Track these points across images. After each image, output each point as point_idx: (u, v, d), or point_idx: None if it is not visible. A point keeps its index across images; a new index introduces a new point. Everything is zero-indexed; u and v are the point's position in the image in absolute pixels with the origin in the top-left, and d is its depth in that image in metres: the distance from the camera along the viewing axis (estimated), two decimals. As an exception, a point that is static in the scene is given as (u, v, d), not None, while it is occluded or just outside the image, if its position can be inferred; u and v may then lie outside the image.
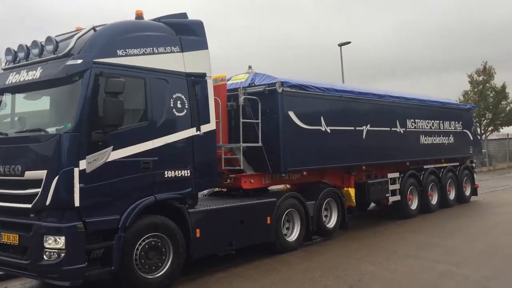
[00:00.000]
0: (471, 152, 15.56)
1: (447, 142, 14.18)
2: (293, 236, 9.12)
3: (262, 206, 8.42)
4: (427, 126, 13.30)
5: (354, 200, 10.95)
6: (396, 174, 12.21)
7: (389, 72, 66.44)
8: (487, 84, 44.44)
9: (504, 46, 62.35)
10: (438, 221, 11.59)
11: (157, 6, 56.60)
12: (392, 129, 11.93)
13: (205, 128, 7.34)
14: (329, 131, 9.92)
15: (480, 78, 44.63)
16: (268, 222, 8.49)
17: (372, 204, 13.56)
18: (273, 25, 77.32)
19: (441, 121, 13.94)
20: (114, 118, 5.92)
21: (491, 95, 44.45)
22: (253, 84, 9.30)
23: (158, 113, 6.72)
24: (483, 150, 34.20)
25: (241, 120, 8.71)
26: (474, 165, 16.43)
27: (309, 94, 9.54)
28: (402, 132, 12.23)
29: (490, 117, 44.86)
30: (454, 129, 14.64)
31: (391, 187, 11.93)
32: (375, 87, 13.81)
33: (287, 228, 9.16)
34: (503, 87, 43.90)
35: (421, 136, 13.02)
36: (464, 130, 15.19)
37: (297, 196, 9.22)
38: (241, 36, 75.70)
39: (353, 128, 10.63)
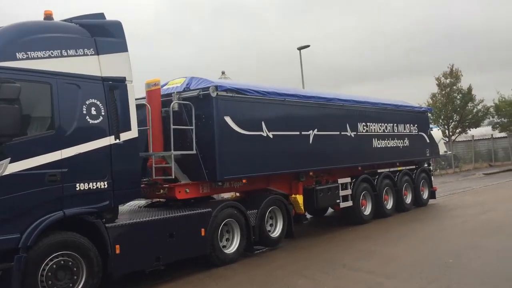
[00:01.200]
0: (428, 154, 15.38)
1: (401, 145, 13.95)
2: (233, 247, 8.67)
3: (194, 217, 7.95)
4: (380, 129, 13.03)
5: (302, 207, 10.57)
6: (348, 179, 11.89)
7: (358, 77, 67.00)
8: (454, 87, 44.94)
9: (469, 48, 63.51)
10: (390, 226, 11.30)
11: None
12: (342, 133, 11.61)
13: (125, 136, 6.85)
14: (271, 136, 9.53)
15: (448, 81, 45.10)
16: (203, 234, 8.01)
17: (331, 210, 13.28)
18: (233, 30, 76.94)
19: (395, 124, 13.71)
20: (8, 127, 5.40)
21: (458, 97, 44.98)
22: (188, 89, 8.86)
23: (67, 120, 6.21)
24: (448, 152, 34.54)
25: (172, 126, 8.24)
26: (431, 167, 16.26)
27: (247, 98, 9.13)
28: (353, 136, 11.92)
29: (457, 119, 45.39)
30: (409, 132, 14.43)
31: (342, 193, 11.60)
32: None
33: (227, 239, 8.72)
34: (469, 89, 44.38)
35: (373, 139, 12.75)
36: (420, 133, 15.00)
37: (236, 205, 8.78)
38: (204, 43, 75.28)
39: (298, 133, 10.26)
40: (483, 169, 32.19)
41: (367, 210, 12.38)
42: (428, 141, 15.39)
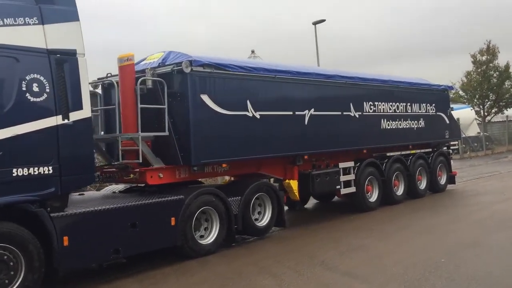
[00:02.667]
0: (447, 137, 14.20)
1: (416, 126, 12.85)
2: (210, 238, 7.95)
3: (162, 205, 7.24)
4: (390, 109, 11.97)
5: (296, 194, 9.74)
6: (351, 164, 10.95)
7: (390, 56, 64.65)
8: (491, 64, 42.60)
9: (505, 26, 60.19)
10: (394, 215, 10.35)
11: None
12: (345, 113, 10.63)
13: (75, 115, 6.16)
14: (258, 116, 8.69)
15: (484, 58, 42.78)
16: (173, 223, 7.32)
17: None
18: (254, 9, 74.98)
19: (408, 104, 12.60)
20: None
21: (494, 75, 42.64)
22: (163, 64, 8.09)
23: (2, 98, 5.55)
24: (482, 133, 32.74)
25: (139, 105, 7.51)
26: (451, 151, 15.06)
27: (229, 75, 8.29)
28: (357, 116, 10.93)
29: (493, 98, 43.11)
30: (426, 112, 13.29)
31: (343, 178, 10.69)
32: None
33: (206, 229, 8.01)
34: (507, 67, 42.01)
35: (382, 120, 11.71)
36: (438, 113, 13.83)
37: (214, 192, 8.03)
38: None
39: (291, 113, 9.38)
40: (517, 151, 30.35)
41: (373, 197, 11.43)
42: (448, 122, 14.19)
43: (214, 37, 64.24)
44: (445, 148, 14.65)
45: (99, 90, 8.86)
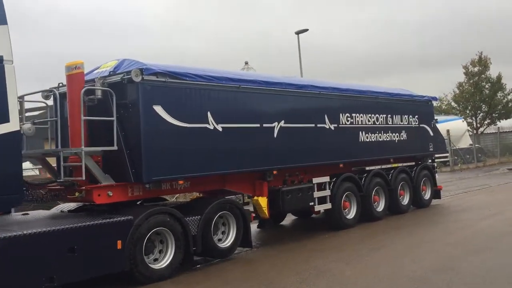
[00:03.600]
0: (431, 149, 13.62)
1: (397, 139, 12.27)
2: (165, 261, 7.30)
3: (106, 227, 6.58)
4: (369, 121, 11.39)
5: (266, 212, 9.11)
6: (326, 179, 10.34)
7: (378, 70, 64.47)
8: (483, 75, 42.26)
9: (497, 39, 60.17)
10: (370, 234, 9.70)
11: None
12: (319, 125, 10.05)
13: (1, 129, 5.54)
14: (220, 129, 8.09)
15: (476, 69, 42.47)
16: (119, 247, 6.66)
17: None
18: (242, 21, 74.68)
19: (389, 115, 12.03)
20: None
21: (486, 86, 42.29)
22: (114, 73, 7.50)
23: None
24: (474, 145, 32.21)
25: (82, 117, 6.90)
26: (435, 164, 14.47)
27: (187, 84, 7.70)
28: (333, 129, 10.35)
29: (486, 109, 42.71)
30: (408, 124, 12.73)
31: (318, 194, 10.07)
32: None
33: (160, 251, 7.36)
34: (499, 78, 41.71)
35: (360, 133, 11.12)
36: (421, 125, 13.28)
37: (169, 211, 7.39)
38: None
39: (258, 125, 8.78)
40: (509, 163, 29.79)
41: (351, 213, 10.79)
42: (432, 134, 13.63)
43: (206, 50, 63.86)
44: (430, 161, 14.07)
45: (51, 101, 8.27)
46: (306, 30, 22.30)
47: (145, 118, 7.11)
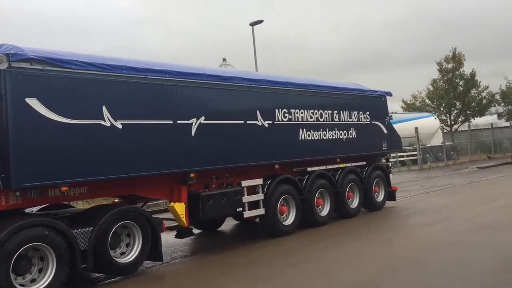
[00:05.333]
0: (384, 148, 12.70)
1: (345, 137, 11.30)
2: (43, 283, 6.18)
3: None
4: (311, 117, 10.39)
5: (184, 219, 8.04)
6: (258, 181, 9.32)
7: (354, 68, 63.95)
8: (457, 72, 41.76)
9: (471, 37, 59.97)
10: (306, 243, 8.71)
11: None
12: (249, 122, 9.01)
13: None
14: (119, 126, 6.99)
15: (450, 66, 41.94)
16: (-25, 268, 5.54)
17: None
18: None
19: (335, 111, 11.05)
20: None
21: (460, 83, 41.80)
22: (-17, 60, 6.32)
23: None
24: (444, 143, 31.56)
25: None
26: (390, 164, 13.56)
27: (74, 74, 6.57)
28: (266, 126, 9.32)
29: (460, 106, 42.23)
30: (358, 120, 11.76)
31: (248, 198, 9.04)
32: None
33: (41, 270, 6.25)
34: (472, 75, 41.25)
35: (301, 130, 10.11)
36: (374, 122, 12.33)
37: (49, 223, 6.27)
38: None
39: (171, 122, 7.70)
40: (480, 162, 29.18)
41: (289, 219, 9.79)
42: (385, 132, 12.70)
43: (181, 49, 62.41)
44: (384, 160, 13.17)
45: None
46: (261, 21, 21.27)
47: (14, 113, 5.97)
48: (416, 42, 64.63)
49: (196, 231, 10.08)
